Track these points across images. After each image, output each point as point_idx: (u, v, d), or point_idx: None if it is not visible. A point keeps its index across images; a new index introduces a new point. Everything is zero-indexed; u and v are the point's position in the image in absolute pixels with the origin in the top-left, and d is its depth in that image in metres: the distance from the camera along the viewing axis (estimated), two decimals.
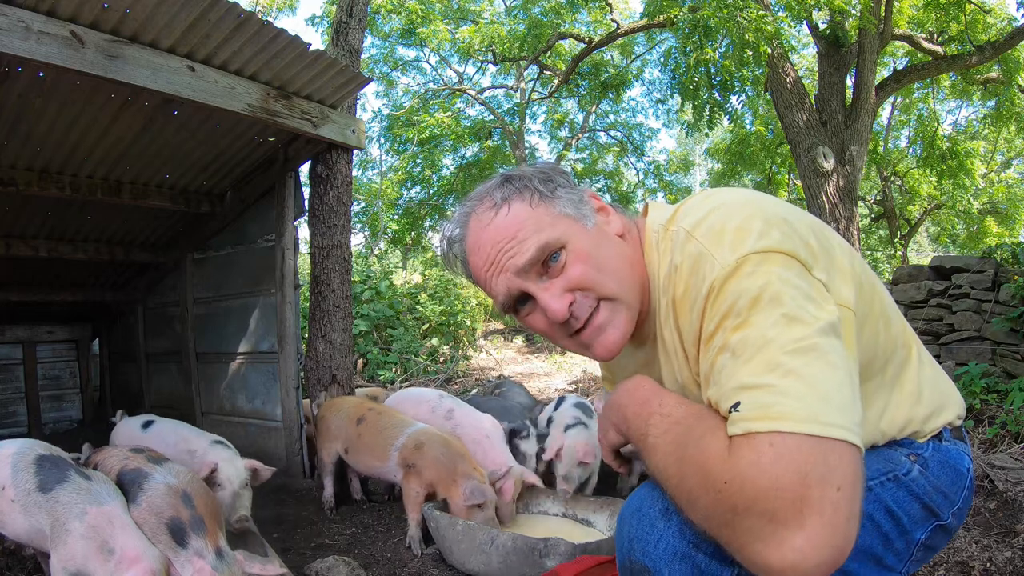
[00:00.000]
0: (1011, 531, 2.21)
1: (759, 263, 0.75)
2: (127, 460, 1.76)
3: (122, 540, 1.44)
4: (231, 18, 2.42)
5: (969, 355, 4.27)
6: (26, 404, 5.68)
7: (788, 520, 0.61)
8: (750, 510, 0.63)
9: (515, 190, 0.92)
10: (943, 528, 0.93)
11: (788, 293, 0.72)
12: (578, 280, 0.89)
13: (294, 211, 3.45)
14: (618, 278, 0.91)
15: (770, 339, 0.69)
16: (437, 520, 2.25)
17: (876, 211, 13.53)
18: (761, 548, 0.63)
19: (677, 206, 0.94)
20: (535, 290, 0.91)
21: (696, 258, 0.80)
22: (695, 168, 19.56)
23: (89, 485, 1.54)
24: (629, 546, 0.88)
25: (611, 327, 0.91)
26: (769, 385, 0.67)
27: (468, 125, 12.78)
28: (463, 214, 0.96)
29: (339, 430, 2.83)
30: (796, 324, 0.70)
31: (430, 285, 9.95)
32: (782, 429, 0.63)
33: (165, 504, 1.57)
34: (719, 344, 0.75)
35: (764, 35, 6.01)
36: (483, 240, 0.92)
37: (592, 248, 0.90)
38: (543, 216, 0.90)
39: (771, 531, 0.62)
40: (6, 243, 3.93)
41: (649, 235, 0.96)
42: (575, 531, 2.48)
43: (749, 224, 0.79)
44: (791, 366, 0.67)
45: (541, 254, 0.89)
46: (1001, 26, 7.96)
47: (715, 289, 0.76)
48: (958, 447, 0.97)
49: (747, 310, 0.73)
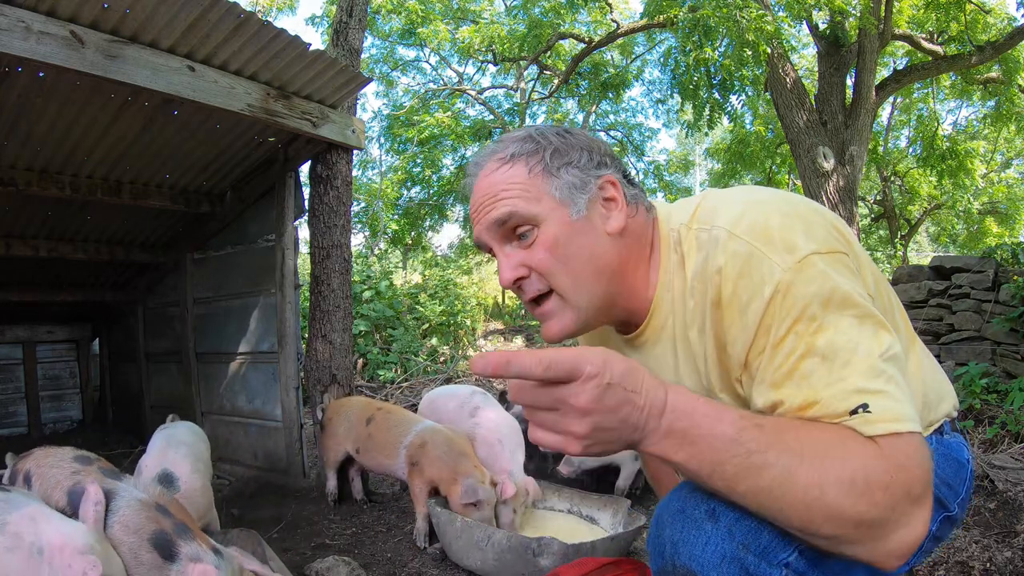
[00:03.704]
0: (1011, 531, 2.21)
1: (819, 264, 0.77)
2: (79, 476, 1.51)
3: (47, 534, 1.27)
4: (231, 18, 2.42)
5: (969, 355, 4.27)
6: (26, 404, 5.69)
7: (924, 501, 0.70)
8: (906, 498, 0.69)
9: (525, 151, 0.92)
10: (950, 519, 0.96)
11: (853, 292, 0.77)
12: (536, 263, 0.90)
13: (294, 211, 3.45)
14: (577, 278, 0.90)
15: (857, 342, 0.74)
16: (438, 516, 2.28)
17: (876, 211, 13.52)
18: (906, 529, 0.70)
19: (695, 205, 0.92)
20: (497, 251, 0.94)
21: (747, 258, 0.79)
22: (695, 168, 19.54)
23: (7, 496, 1.36)
24: (673, 550, 0.83)
25: (554, 319, 0.93)
26: (883, 391, 0.73)
27: (468, 125, 12.76)
28: (484, 154, 0.97)
29: (348, 431, 2.88)
30: (868, 323, 0.76)
31: (430, 285, 9.94)
32: (909, 429, 0.72)
33: (143, 519, 1.40)
34: (798, 349, 0.76)
35: (764, 35, 6.01)
36: (479, 186, 0.95)
37: (564, 238, 0.89)
38: (533, 187, 0.90)
39: (912, 515, 0.70)
40: (6, 243, 3.93)
41: (665, 234, 0.94)
42: (579, 527, 2.51)
43: (791, 223, 0.80)
44: (890, 373, 0.74)
45: (507, 220, 0.90)
46: (1001, 26, 7.96)
47: (781, 291, 0.76)
48: (957, 439, 0.99)
49: (821, 313, 0.75)
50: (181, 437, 2.30)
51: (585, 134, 0.98)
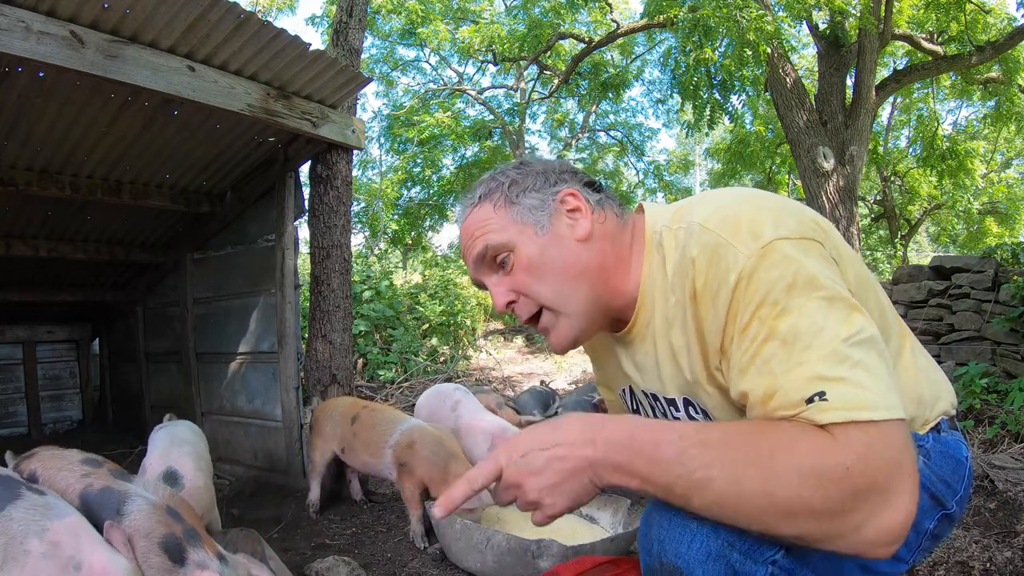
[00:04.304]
0: (1011, 531, 2.21)
1: (784, 249, 0.77)
2: (90, 478, 1.51)
3: (89, 554, 1.27)
4: (231, 18, 2.42)
5: (969, 355, 4.27)
6: (26, 404, 5.69)
7: (899, 488, 0.68)
8: (872, 488, 0.68)
9: (489, 191, 1.01)
10: (948, 517, 0.95)
11: (820, 274, 0.76)
12: (518, 286, 0.98)
13: (294, 211, 3.45)
14: (558, 288, 0.96)
15: (821, 326, 0.73)
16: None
17: (876, 211, 13.52)
18: (879, 520, 0.68)
19: (677, 207, 0.96)
20: (488, 283, 1.02)
21: (715, 248, 0.81)
22: (695, 168, 19.54)
23: (46, 500, 1.37)
24: (659, 548, 0.84)
25: (554, 332, 0.99)
26: (844, 378, 0.71)
27: (468, 125, 12.78)
28: (462, 203, 1.07)
29: (334, 430, 2.84)
30: (838, 305, 0.75)
31: (430, 285, 9.94)
32: (875, 417, 0.69)
33: (154, 523, 1.41)
34: (760, 334, 0.76)
35: (764, 35, 6.02)
36: (462, 233, 1.04)
37: (536, 256, 0.96)
38: (499, 219, 0.98)
39: (885, 501, 0.68)
40: (6, 243, 3.92)
41: (650, 236, 0.97)
42: (579, 526, 2.51)
43: (761, 215, 0.81)
44: (857, 358, 0.72)
45: (485, 253, 0.98)
46: (1001, 26, 7.97)
47: (744, 278, 0.78)
48: (955, 437, 0.99)
49: (785, 297, 0.75)
50: (183, 436, 2.30)
51: (542, 160, 1.07)
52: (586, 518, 2.57)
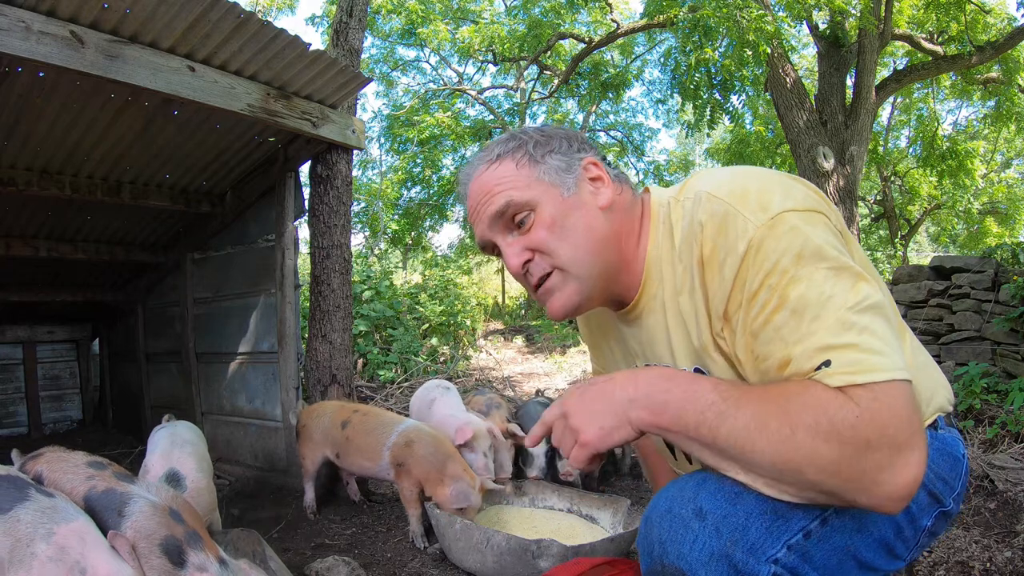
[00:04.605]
0: (1011, 531, 2.21)
1: (792, 220, 0.79)
2: (94, 480, 1.53)
3: (94, 559, 1.27)
4: (231, 18, 2.42)
5: (969, 355, 4.27)
6: (26, 404, 5.70)
7: (909, 443, 0.70)
8: (881, 441, 0.69)
9: (510, 149, 1.00)
10: (945, 514, 0.96)
11: (828, 244, 0.78)
12: (537, 243, 0.96)
13: (294, 211, 3.45)
14: (577, 250, 0.96)
15: (829, 295, 0.75)
16: (437, 518, 2.27)
17: (876, 211, 13.52)
18: (890, 475, 0.69)
19: (685, 181, 0.98)
20: (500, 243, 1.00)
21: (724, 216, 0.83)
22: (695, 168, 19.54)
23: (54, 503, 1.37)
24: (661, 549, 0.84)
25: (558, 293, 0.98)
26: (852, 344, 0.72)
27: (468, 125, 12.76)
28: (472, 163, 1.06)
29: (324, 436, 2.82)
30: (844, 275, 0.76)
31: (430, 285, 9.94)
32: (880, 379, 0.71)
33: (155, 525, 1.41)
34: (771, 302, 0.78)
35: (764, 35, 6.01)
36: (472, 189, 1.02)
37: (559, 216, 0.95)
38: (522, 177, 0.97)
39: (897, 457, 0.69)
40: (6, 243, 3.92)
41: (656, 209, 0.99)
42: (579, 526, 2.51)
43: (770, 186, 0.83)
44: (863, 324, 0.73)
45: (505, 209, 0.97)
46: (1001, 26, 7.97)
47: (754, 247, 0.79)
48: (952, 434, 0.99)
49: (793, 266, 0.77)
50: (184, 436, 2.29)
51: (562, 127, 1.06)
52: (586, 518, 2.57)
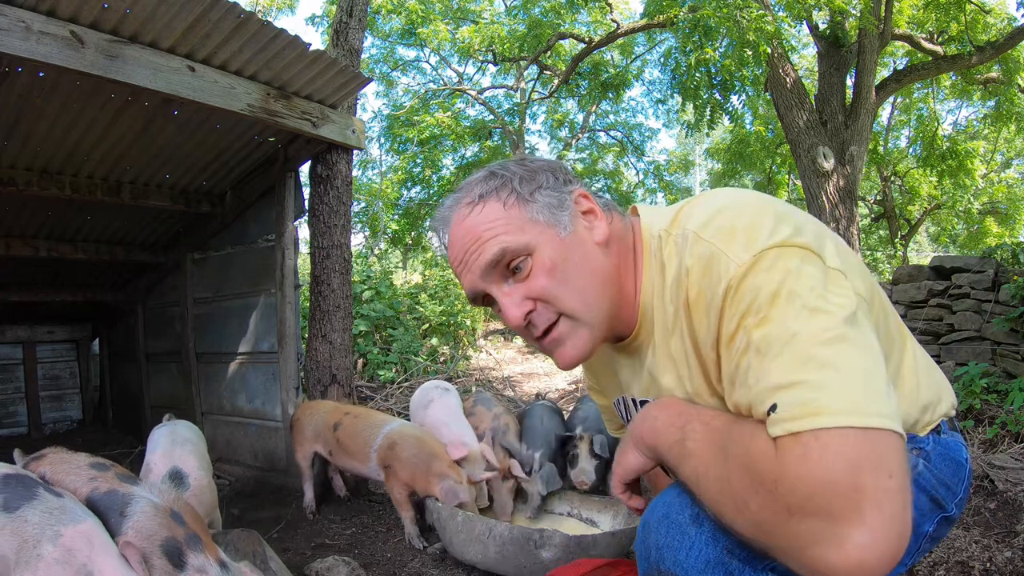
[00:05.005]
0: (1011, 531, 2.21)
1: (776, 258, 0.73)
2: (96, 481, 1.53)
3: (101, 563, 1.26)
4: (231, 18, 2.42)
5: (969, 355, 4.27)
6: (26, 404, 5.70)
7: (847, 515, 0.58)
8: (805, 509, 0.60)
9: (493, 188, 0.90)
10: (947, 519, 0.94)
11: (807, 284, 0.71)
12: (539, 291, 0.88)
13: (294, 211, 3.45)
14: (582, 294, 0.88)
15: (795, 332, 0.67)
16: (439, 512, 2.26)
17: (876, 211, 13.52)
18: (822, 551, 0.59)
19: (677, 209, 0.90)
20: (497, 293, 0.91)
21: (708, 259, 0.78)
22: (695, 168, 19.53)
23: (62, 503, 1.36)
24: (658, 555, 0.83)
25: (568, 342, 0.90)
26: (803, 381, 0.64)
27: (468, 125, 12.77)
28: (448, 205, 0.95)
29: (316, 434, 2.85)
30: (820, 315, 0.68)
31: (430, 285, 9.94)
32: (825, 425, 0.61)
33: (155, 526, 1.40)
34: (742, 344, 0.72)
35: (764, 35, 6.02)
36: (455, 236, 0.92)
37: (559, 259, 0.87)
38: (514, 219, 0.88)
39: (831, 530, 0.59)
40: (6, 243, 3.92)
41: (647, 241, 0.92)
42: (579, 530, 2.50)
43: (760, 220, 0.77)
44: (824, 358, 0.65)
45: (500, 258, 0.88)
46: (1001, 26, 7.97)
47: (732, 288, 0.74)
48: (955, 438, 0.98)
49: (767, 306, 0.70)
50: (184, 435, 2.30)
51: (542, 157, 0.99)
52: (587, 521, 2.57)
